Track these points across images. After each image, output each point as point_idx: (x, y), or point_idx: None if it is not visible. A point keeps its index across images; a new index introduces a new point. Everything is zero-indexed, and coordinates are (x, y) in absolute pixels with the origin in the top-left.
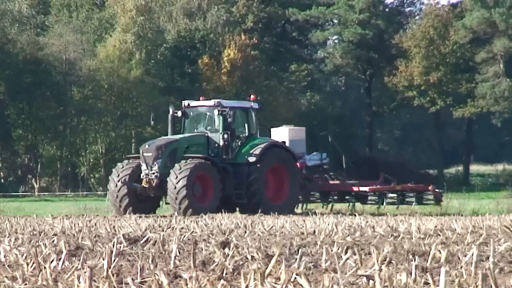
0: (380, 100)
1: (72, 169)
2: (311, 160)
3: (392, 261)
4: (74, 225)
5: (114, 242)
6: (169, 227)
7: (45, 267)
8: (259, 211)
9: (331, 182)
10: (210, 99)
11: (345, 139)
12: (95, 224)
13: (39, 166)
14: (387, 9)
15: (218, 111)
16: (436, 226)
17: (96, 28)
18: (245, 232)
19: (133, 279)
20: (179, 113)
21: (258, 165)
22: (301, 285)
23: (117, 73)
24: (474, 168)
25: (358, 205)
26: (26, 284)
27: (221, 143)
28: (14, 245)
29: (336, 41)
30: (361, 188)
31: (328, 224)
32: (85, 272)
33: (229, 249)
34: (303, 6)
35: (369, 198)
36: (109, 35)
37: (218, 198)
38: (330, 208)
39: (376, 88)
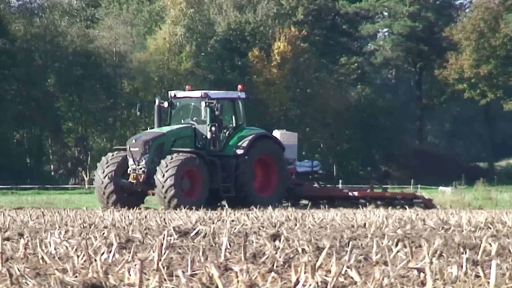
0: (430, 92)
1: None
2: (301, 166)
3: (442, 254)
4: (124, 217)
5: (164, 235)
6: (220, 220)
7: (95, 260)
8: (245, 202)
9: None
10: (197, 90)
11: (395, 132)
12: (146, 216)
13: (89, 158)
14: (437, 2)
15: (206, 103)
16: (486, 219)
17: (146, 20)
18: (296, 224)
19: (183, 272)
20: (166, 104)
21: (246, 157)
22: (352, 278)
23: (167, 65)
24: None
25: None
26: (76, 277)
27: (209, 135)
28: (64, 237)
29: (386, 33)
30: (351, 193)
31: (379, 217)
32: (135, 265)
33: (280, 242)
34: None
35: (359, 202)
36: (159, 27)
37: (206, 192)
38: None
39: (426, 80)
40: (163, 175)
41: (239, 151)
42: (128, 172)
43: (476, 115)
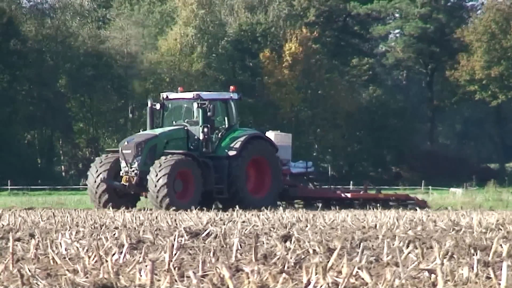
0: (442, 94)
1: None
2: (296, 167)
3: (453, 255)
4: (136, 218)
5: (175, 236)
6: (231, 221)
7: (106, 260)
8: (239, 203)
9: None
10: (189, 91)
11: (406, 133)
12: (156, 217)
13: None
14: (448, 3)
15: (198, 104)
16: (498, 220)
17: (158, 21)
18: (307, 225)
19: (194, 273)
20: (158, 106)
21: (239, 159)
22: (363, 279)
23: (179, 66)
24: None
25: None
26: (87, 277)
27: (201, 136)
28: (75, 238)
29: (397, 35)
30: (343, 195)
31: (390, 218)
32: (146, 266)
33: (291, 243)
34: (364, 0)
35: (353, 204)
36: (170, 28)
37: (199, 193)
38: None
39: (437, 82)
40: (156, 175)
41: (232, 152)
42: (121, 174)
43: (487, 117)
